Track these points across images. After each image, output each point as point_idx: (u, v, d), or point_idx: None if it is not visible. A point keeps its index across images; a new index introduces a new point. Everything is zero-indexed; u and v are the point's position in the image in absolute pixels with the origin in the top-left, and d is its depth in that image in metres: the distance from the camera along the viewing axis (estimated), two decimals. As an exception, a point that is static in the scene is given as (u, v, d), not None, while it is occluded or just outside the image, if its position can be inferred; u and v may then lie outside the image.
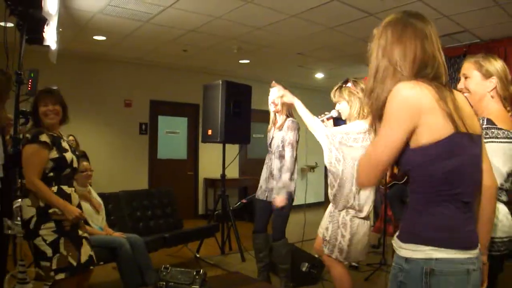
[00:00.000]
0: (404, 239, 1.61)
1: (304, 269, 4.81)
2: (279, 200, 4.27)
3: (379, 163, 1.57)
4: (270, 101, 4.49)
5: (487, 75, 2.41)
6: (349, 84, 3.53)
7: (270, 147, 4.56)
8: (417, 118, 1.50)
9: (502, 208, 2.31)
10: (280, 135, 4.45)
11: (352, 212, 3.39)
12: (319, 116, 3.70)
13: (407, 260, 1.57)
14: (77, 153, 3.42)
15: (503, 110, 2.44)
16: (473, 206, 1.62)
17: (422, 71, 1.60)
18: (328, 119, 3.72)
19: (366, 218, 3.45)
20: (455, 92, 1.64)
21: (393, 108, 1.55)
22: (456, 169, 1.52)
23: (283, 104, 4.37)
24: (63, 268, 3.05)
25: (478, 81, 2.45)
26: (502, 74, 2.40)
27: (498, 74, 2.40)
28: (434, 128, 1.50)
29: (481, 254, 1.62)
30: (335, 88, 3.61)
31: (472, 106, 1.71)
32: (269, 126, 4.67)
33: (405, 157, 1.57)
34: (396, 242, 1.65)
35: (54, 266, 3.03)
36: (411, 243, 1.57)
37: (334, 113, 3.67)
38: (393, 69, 1.63)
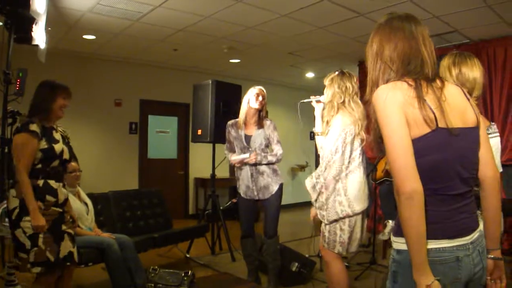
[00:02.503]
0: (395, 233, 1.67)
1: (294, 268, 4.81)
2: (252, 157, 4.42)
3: (404, 163, 1.50)
4: (257, 98, 4.51)
5: None
6: (336, 73, 3.61)
7: (249, 145, 4.55)
8: (402, 110, 1.55)
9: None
10: (261, 133, 4.48)
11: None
12: (311, 97, 3.81)
13: (398, 251, 1.64)
14: (70, 144, 3.41)
15: None
16: (464, 196, 1.63)
17: (406, 67, 1.66)
18: (317, 101, 3.84)
19: (362, 213, 3.50)
20: (446, 85, 1.68)
21: (381, 106, 1.58)
22: (438, 164, 1.55)
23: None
24: (40, 262, 3.10)
25: None
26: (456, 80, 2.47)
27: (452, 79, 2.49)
28: (412, 125, 1.54)
29: (482, 239, 1.68)
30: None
31: (469, 99, 1.73)
32: (240, 124, 4.65)
33: None
34: (391, 236, 1.72)
35: (31, 259, 3.08)
36: (400, 236, 1.61)
37: (323, 98, 3.77)
38: (383, 69, 1.71)
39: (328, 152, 3.40)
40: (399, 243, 1.63)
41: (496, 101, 6.54)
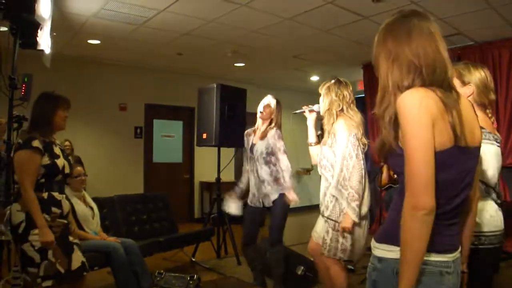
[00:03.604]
0: (378, 239, 1.63)
1: (299, 272, 4.79)
2: (293, 196, 4.46)
3: (426, 179, 1.42)
4: (260, 108, 4.57)
5: (465, 82, 2.54)
6: (332, 81, 3.57)
7: (252, 153, 4.60)
8: (432, 122, 1.44)
9: (493, 205, 2.45)
10: (264, 142, 4.49)
11: None
12: (303, 107, 3.79)
13: (380, 259, 1.59)
14: (69, 157, 3.41)
15: (483, 115, 2.52)
16: (456, 214, 1.59)
17: (433, 75, 1.53)
18: (310, 111, 3.82)
19: (364, 217, 3.46)
20: (460, 97, 1.58)
21: (413, 115, 1.45)
22: (445, 181, 1.49)
23: (274, 114, 4.50)
24: (51, 275, 3.04)
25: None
26: (479, 82, 2.51)
27: (475, 82, 2.51)
28: (437, 138, 1.45)
29: (460, 260, 1.63)
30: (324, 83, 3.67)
31: (476, 113, 1.66)
32: (250, 131, 4.76)
33: (399, 159, 1.51)
34: (372, 242, 1.66)
35: (41, 273, 3.02)
36: (384, 243, 1.58)
37: (316, 108, 3.76)
38: (405, 73, 1.56)
39: (341, 159, 3.35)
40: (382, 250, 1.58)
41: (502, 103, 6.52)
